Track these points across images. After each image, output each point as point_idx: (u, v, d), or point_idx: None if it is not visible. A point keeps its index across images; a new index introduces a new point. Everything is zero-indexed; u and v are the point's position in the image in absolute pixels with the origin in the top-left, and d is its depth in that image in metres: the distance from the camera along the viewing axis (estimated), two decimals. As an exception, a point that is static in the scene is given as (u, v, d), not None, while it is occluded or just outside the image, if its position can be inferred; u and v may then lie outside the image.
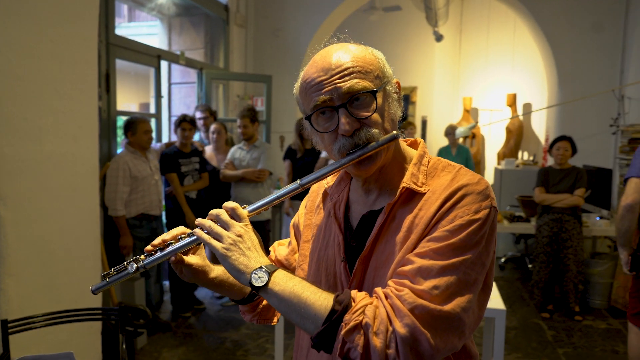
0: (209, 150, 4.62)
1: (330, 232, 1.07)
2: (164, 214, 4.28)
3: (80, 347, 2.64)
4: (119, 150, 4.00)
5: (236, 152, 4.39)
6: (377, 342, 0.83)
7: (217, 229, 0.95)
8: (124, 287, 3.61)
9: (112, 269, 1.03)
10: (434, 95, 8.22)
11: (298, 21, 6.18)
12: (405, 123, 6.31)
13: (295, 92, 1.03)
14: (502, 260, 5.87)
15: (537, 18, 5.78)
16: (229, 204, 0.98)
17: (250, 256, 0.93)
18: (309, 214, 1.17)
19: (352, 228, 1.03)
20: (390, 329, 0.84)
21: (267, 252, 4.34)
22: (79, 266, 2.66)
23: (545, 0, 5.71)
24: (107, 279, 1.03)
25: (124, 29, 8.21)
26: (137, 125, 3.71)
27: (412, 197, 0.97)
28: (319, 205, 1.14)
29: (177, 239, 1.02)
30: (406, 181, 0.97)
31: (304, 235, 1.15)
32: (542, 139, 7.28)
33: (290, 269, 1.20)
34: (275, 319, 1.22)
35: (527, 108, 7.66)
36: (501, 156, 7.55)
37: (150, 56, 4.39)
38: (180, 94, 5.70)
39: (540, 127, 7.21)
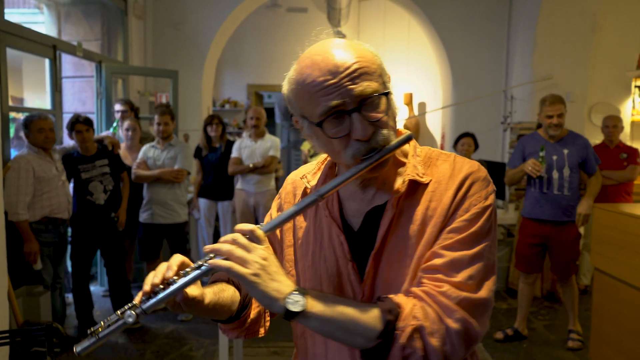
0: (122, 148, 4.29)
1: (322, 233, 1.03)
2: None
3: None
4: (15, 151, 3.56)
5: (149, 150, 4.12)
6: (434, 342, 0.85)
7: (240, 252, 0.86)
8: (27, 303, 3.22)
9: (102, 322, 0.88)
10: (335, 94, 8.41)
11: (200, 16, 5.97)
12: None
13: (286, 92, 0.97)
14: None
15: (432, 22, 6.16)
16: (245, 226, 0.90)
17: (281, 280, 0.87)
18: None
19: (350, 226, 1.01)
20: (443, 326, 0.86)
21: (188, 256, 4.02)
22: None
23: (440, 5, 6.11)
24: (97, 336, 0.87)
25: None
26: (30, 124, 3.35)
27: (416, 188, 0.97)
28: None
29: (179, 273, 0.90)
30: (410, 173, 0.97)
31: (286, 240, 1.09)
32: (437, 136, 7.78)
33: None
34: (262, 330, 1.13)
35: (422, 106, 8.14)
36: (400, 152, 7.93)
37: (44, 46, 3.96)
38: (74, 89, 5.22)
39: (435, 125, 7.70)
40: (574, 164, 3.47)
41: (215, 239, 5.34)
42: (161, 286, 0.88)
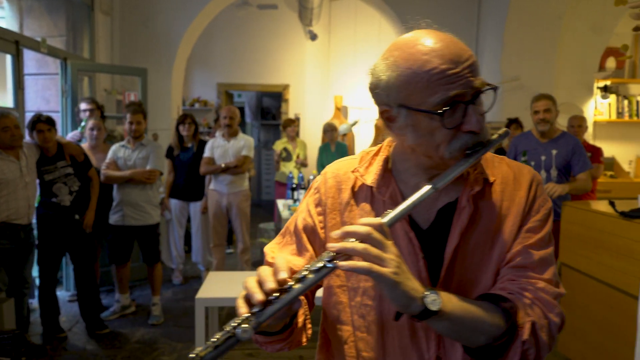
0: (86, 148, 4.16)
1: None
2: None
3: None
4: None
5: (119, 150, 4.01)
6: (544, 336, 0.89)
7: (376, 251, 0.79)
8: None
9: (207, 345, 0.78)
10: (306, 93, 8.40)
11: (170, 13, 5.86)
12: (287, 120, 6.35)
13: (386, 77, 0.91)
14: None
15: (404, 23, 6.21)
16: (372, 220, 0.83)
17: (413, 278, 0.82)
18: (332, 214, 1.04)
19: (416, 223, 0.98)
20: (547, 321, 0.90)
21: (156, 259, 4.01)
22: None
23: (411, 6, 6.17)
24: (201, 358, 0.77)
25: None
26: None
27: (484, 186, 0.97)
28: (349, 202, 1.03)
29: (294, 278, 0.81)
30: (481, 171, 0.98)
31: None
32: (406, 135, 7.85)
33: None
34: (305, 339, 1.02)
35: (392, 106, 8.20)
36: (371, 152, 7.98)
37: (6, 41, 3.81)
38: (37, 87, 5.04)
39: (405, 124, 7.78)
40: (561, 165, 3.47)
41: (187, 240, 5.26)
42: (275, 294, 0.79)
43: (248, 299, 0.81)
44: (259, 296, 0.79)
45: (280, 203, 5.29)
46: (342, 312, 1.01)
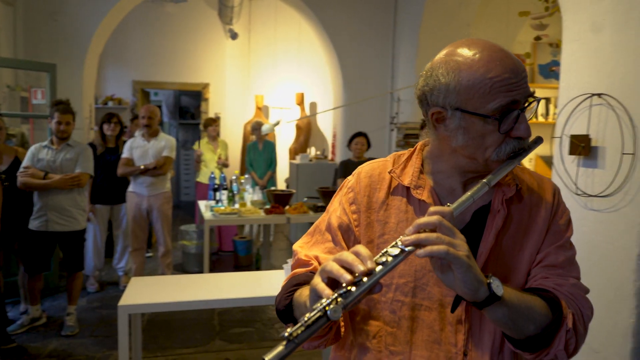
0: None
1: None
2: None
3: None
4: None
5: (39, 151, 3.70)
6: (580, 327, 0.97)
7: (447, 238, 0.83)
8: None
9: (298, 324, 0.78)
10: (227, 93, 8.29)
11: (80, 6, 5.54)
12: (208, 119, 6.24)
13: (446, 80, 0.95)
14: (303, 248, 6.29)
15: (323, 25, 6.32)
16: (442, 208, 0.87)
17: (477, 266, 0.86)
18: (367, 212, 1.07)
19: None
20: (581, 313, 0.99)
21: (79, 267, 3.82)
22: None
23: (330, 9, 6.28)
24: (295, 340, 0.77)
25: None
26: None
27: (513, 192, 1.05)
28: (385, 201, 1.07)
29: (375, 261, 0.84)
30: (513, 178, 1.05)
31: (366, 236, 1.06)
32: (327, 135, 7.99)
33: None
34: (339, 336, 1.05)
35: (313, 106, 8.31)
36: (292, 151, 8.03)
37: None
38: None
39: (326, 124, 7.91)
40: None
41: (109, 245, 5.02)
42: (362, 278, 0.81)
43: (330, 281, 0.84)
44: (348, 277, 0.81)
45: (202, 204, 5.20)
46: (373, 308, 1.04)
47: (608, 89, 2.29)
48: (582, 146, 2.39)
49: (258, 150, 6.20)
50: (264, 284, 2.81)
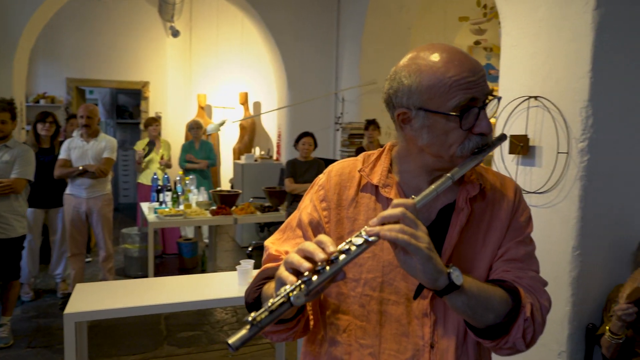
0: None
1: None
2: None
3: None
4: None
5: None
6: (538, 317, 1.02)
7: (410, 230, 0.87)
8: None
9: (262, 309, 0.81)
10: (168, 91, 8.08)
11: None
12: (149, 119, 6.06)
13: (408, 82, 1.00)
14: (249, 249, 6.25)
15: (267, 25, 6.31)
16: (406, 200, 0.90)
17: (438, 256, 0.90)
18: (337, 209, 1.11)
19: None
20: (539, 304, 1.04)
21: (16, 276, 3.62)
22: None
23: (274, 9, 6.28)
24: (259, 324, 0.80)
25: None
26: None
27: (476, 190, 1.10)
28: (355, 198, 1.11)
29: (338, 250, 0.86)
30: (476, 177, 1.09)
31: (336, 233, 1.10)
32: (272, 135, 7.97)
33: None
34: (307, 329, 1.10)
35: (257, 106, 8.26)
36: (236, 151, 7.96)
37: None
38: None
39: (271, 124, 7.89)
40: None
41: (44, 251, 4.77)
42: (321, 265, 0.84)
43: (294, 271, 0.86)
44: (307, 264, 0.84)
45: (145, 206, 5.05)
46: (342, 302, 1.07)
47: (544, 92, 2.45)
48: (520, 146, 2.54)
49: (195, 150, 6.09)
50: (211, 287, 2.77)
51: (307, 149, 4.71)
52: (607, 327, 2.11)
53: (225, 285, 2.77)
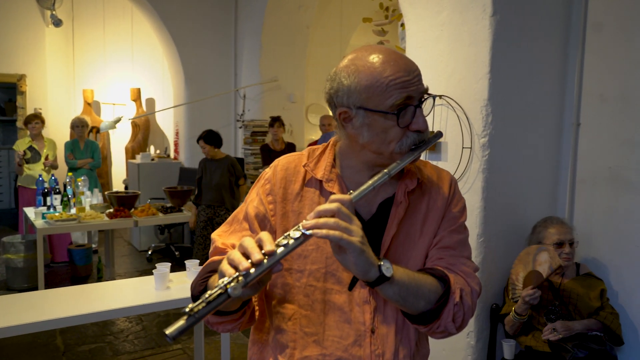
0: None
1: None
2: None
3: None
4: None
5: None
6: (469, 301, 1.08)
7: (344, 224, 0.91)
8: None
9: (199, 300, 0.82)
10: (48, 86, 7.39)
11: None
12: (30, 116, 5.51)
13: (347, 82, 1.04)
14: (149, 252, 5.95)
15: (162, 18, 6.03)
16: (342, 196, 0.94)
17: (370, 250, 0.95)
18: (282, 203, 1.14)
19: (359, 214, 1.10)
20: (469, 289, 1.09)
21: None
22: None
23: (170, 3, 6.02)
24: (195, 315, 0.81)
25: None
26: None
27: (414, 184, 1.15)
28: (299, 193, 1.14)
29: (275, 244, 0.90)
30: (414, 171, 1.15)
31: (281, 226, 1.12)
32: (168, 133, 7.65)
33: None
34: (254, 319, 1.12)
35: (151, 103, 7.88)
36: (130, 151, 7.53)
37: None
38: None
39: (167, 122, 7.56)
40: None
41: None
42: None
43: (233, 265, 0.89)
44: (246, 263, 0.87)
45: (30, 211, 4.60)
46: (288, 293, 1.11)
47: (448, 91, 2.63)
48: (428, 142, 2.70)
49: (79, 149, 5.66)
50: (112, 295, 2.59)
51: (209, 148, 4.60)
52: (513, 308, 2.32)
53: (128, 292, 2.61)
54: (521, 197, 2.61)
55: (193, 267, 2.64)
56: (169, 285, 2.58)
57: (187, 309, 0.81)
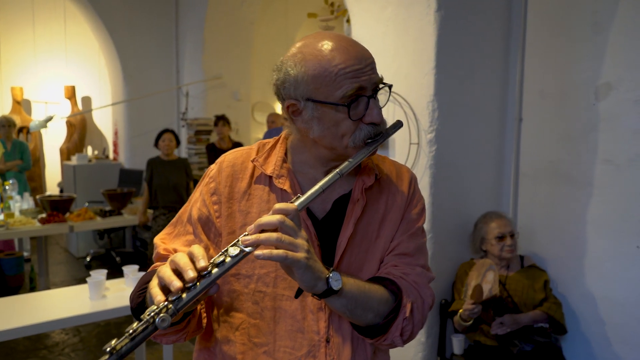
0: None
1: None
2: None
3: None
4: None
5: None
6: (418, 315, 1.02)
7: (288, 239, 0.84)
8: None
9: (123, 337, 0.75)
10: (-29, 83, 6.90)
11: None
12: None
13: (294, 72, 0.96)
14: (88, 259, 5.65)
15: (98, 12, 5.74)
16: (287, 205, 0.86)
17: (319, 261, 0.90)
18: (228, 203, 1.04)
19: (312, 213, 1.04)
20: (422, 300, 1.03)
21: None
22: None
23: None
24: (120, 352, 0.73)
25: None
26: None
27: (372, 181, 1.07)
28: (247, 191, 1.05)
29: (211, 263, 0.82)
30: (372, 167, 1.07)
31: (227, 227, 1.03)
32: (106, 133, 7.31)
33: None
34: (200, 328, 1.03)
35: (87, 101, 7.50)
36: (65, 152, 7.14)
37: None
38: None
39: (105, 120, 7.22)
40: None
41: None
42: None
43: (164, 287, 0.81)
44: (177, 283, 0.79)
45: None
46: (235, 300, 1.02)
47: (394, 87, 2.61)
48: (375, 138, 2.67)
49: (6, 150, 5.30)
50: (45, 306, 2.40)
51: (168, 145, 4.40)
52: (460, 312, 2.32)
53: (62, 303, 2.42)
54: (467, 192, 2.63)
55: (131, 273, 2.49)
56: (105, 294, 2.42)
57: (108, 348, 0.74)
